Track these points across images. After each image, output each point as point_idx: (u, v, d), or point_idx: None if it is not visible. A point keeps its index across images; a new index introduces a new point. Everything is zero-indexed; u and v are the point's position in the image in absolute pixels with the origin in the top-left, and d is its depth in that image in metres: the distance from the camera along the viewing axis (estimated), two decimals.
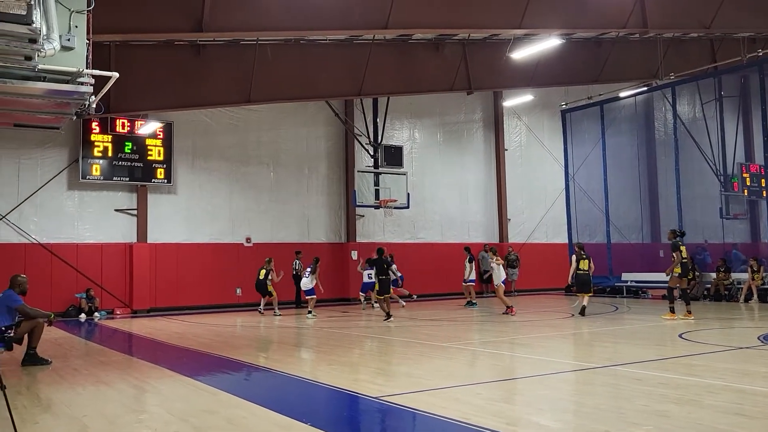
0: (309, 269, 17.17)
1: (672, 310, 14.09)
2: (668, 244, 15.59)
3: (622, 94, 23.68)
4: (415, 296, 21.75)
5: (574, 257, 15.87)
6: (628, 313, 16.30)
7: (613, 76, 23.06)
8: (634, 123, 24.81)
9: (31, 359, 9.41)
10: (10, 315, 9.39)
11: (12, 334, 9.34)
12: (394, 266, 18.18)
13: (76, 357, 10.44)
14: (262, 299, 18.15)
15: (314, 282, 17.03)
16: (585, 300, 15.36)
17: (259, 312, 18.02)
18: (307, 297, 17.30)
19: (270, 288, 17.93)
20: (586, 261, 15.55)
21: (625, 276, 22.85)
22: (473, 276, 19.33)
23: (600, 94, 23.37)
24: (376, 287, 16.75)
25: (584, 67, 22.47)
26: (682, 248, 14.32)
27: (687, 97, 23.79)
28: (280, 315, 17.37)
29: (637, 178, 24.30)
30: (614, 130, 24.37)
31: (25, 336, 9.49)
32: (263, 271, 17.98)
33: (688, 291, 14.93)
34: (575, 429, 5.38)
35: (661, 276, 22.08)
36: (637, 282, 22.39)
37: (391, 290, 16.48)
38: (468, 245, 21.25)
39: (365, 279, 19.01)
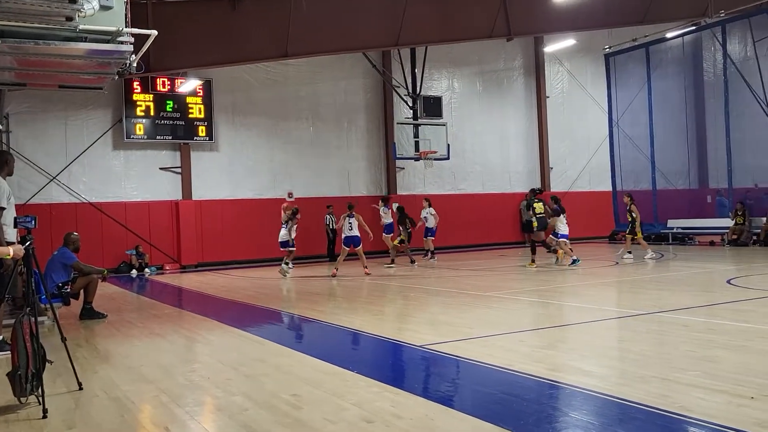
0: (286, 221, 16.27)
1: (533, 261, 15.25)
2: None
3: (669, 35, 22.74)
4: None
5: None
6: (674, 260, 16.05)
7: (659, 15, 22.13)
8: (682, 65, 23.88)
9: (88, 313, 9.80)
10: (66, 272, 9.81)
11: (68, 290, 9.77)
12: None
13: (130, 311, 10.84)
14: None
15: (292, 235, 16.18)
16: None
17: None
18: (282, 249, 16.40)
19: None
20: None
21: (671, 223, 22.40)
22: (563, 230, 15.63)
23: (645, 36, 22.45)
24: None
25: (629, 7, 21.61)
26: (537, 205, 15.38)
27: (738, 36, 22.65)
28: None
29: (684, 123, 23.51)
30: (660, 73, 23.51)
31: (81, 291, 9.89)
32: None
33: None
34: (620, 375, 5.37)
35: (710, 222, 21.73)
36: (683, 228, 21.94)
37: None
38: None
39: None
